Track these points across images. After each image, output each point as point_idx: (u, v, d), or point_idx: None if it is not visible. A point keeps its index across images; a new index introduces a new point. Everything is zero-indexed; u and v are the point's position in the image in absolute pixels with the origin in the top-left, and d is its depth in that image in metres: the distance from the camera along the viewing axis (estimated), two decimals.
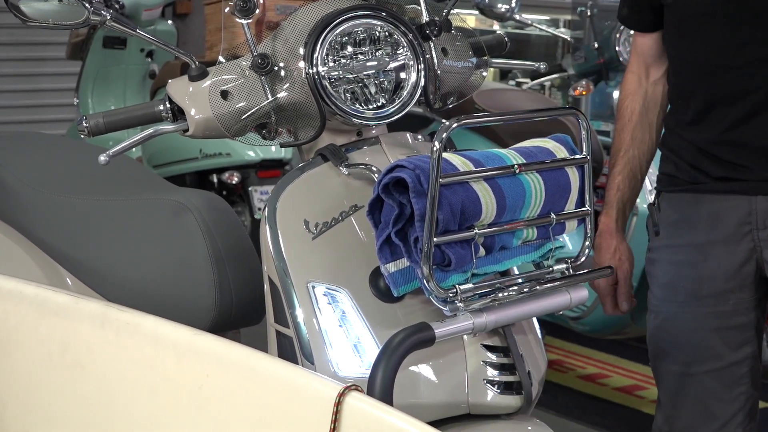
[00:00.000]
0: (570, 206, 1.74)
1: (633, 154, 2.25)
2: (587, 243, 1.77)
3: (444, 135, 1.54)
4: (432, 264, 1.56)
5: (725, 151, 2.08)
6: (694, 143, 2.12)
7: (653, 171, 3.55)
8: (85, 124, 1.81)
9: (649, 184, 3.54)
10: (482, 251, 1.64)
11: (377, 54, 1.81)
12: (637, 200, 3.51)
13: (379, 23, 1.81)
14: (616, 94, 3.68)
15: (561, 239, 1.77)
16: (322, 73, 1.77)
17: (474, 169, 1.61)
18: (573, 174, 1.73)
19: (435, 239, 1.55)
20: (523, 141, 1.78)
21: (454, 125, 1.57)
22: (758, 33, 2.00)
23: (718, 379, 2.16)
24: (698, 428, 2.18)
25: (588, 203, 1.75)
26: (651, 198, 3.49)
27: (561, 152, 1.73)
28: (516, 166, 1.64)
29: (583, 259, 1.77)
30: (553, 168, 1.70)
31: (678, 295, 2.18)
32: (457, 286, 1.60)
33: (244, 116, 1.80)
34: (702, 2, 2.06)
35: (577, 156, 1.73)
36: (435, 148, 1.52)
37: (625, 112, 2.25)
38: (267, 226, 1.75)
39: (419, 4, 1.89)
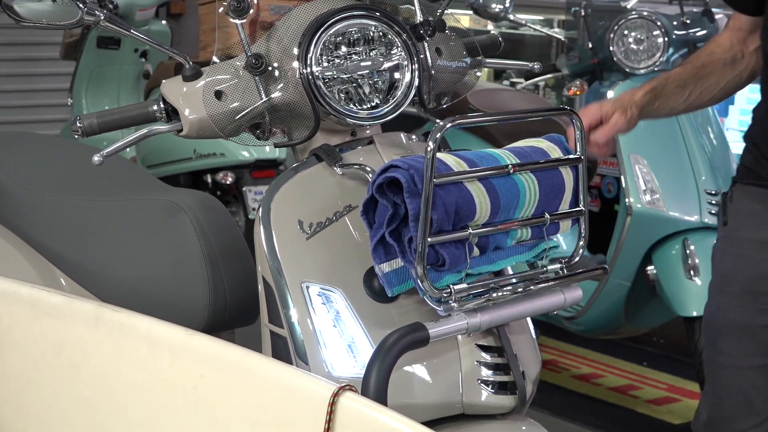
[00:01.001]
0: (564, 206, 1.74)
1: (694, 81, 2.23)
2: (581, 243, 1.77)
3: (438, 135, 1.54)
4: (426, 264, 1.56)
5: None
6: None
7: (647, 171, 3.56)
8: (78, 125, 1.81)
9: (643, 184, 3.55)
10: (476, 251, 1.64)
11: (371, 54, 1.81)
12: (632, 200, 3.53)
13: (373, 23, 1.81)
14: (610, 94, 3.68)
15: (555, 239, 1.77)
16: (316, 73, 1.77)
17: (468, 169, 1.61)
18: (567, 174, 1.73)
19: (429, 239, 1.55)
20: (517, 141, 1.78)
21: (448, 125, 1.57)
22: None
23: (765, 375, 2.18)
24: (738, 420, 2.20)
25: (582, 203, 1.75)
26: (646, 198, 3.51)
27: (555, 152, 1.73)
28: (510, 166, 1.64)
29: (577, 259, 1.77)
30: (548, 168, 1.70)
31: (734, 287, 2.19)
32: (451, 286, 1.60)
33: (238, 116, 1.80)
34: None
35: (571, 156, 1.73)
36: (429, 148, 1.52)
37: (704, 49, 2.27)
38: (261, 226, 1.75)
39: (413, 4, 1.89)
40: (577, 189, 1.75)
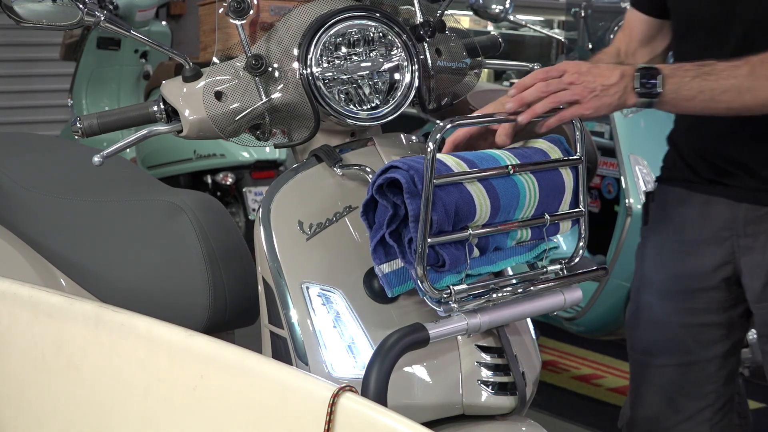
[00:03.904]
0: (564, 207, 1.74)
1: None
2: (581, 244, 1.77)
3: (438, 136, 1.54)
4: (426, 265, 1.56)
5: (716, 157, 2.09)
6: (691, 145, 2.13)
7: (647, 172, 3.57)
8: (79, 125, 1.81)
9: (643, 184, 3.55)
10: (476, 252, 1.64)
11: (371, 55, 1.81)
12: (631, 200, 3.53)
13: (373, 24, 1.81)
14: None
15: (555, 240, 1.77)
16: (316, 74, 1.77)
17: (468, 169, 1.61)
18: (567, 175, 1.73)
19: (429, 240, 1.55)
20: (516, 141, 1.78)
21: (448, 126, 1.57)
22: (745, 46, 1.96)
23: (685, 373, 2.18)
24: (660, 419, 2.20)
25: (582, 204, 1.75)
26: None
27: (555, 153, 1.73)
28: (510, 166, 1.64)
29: (577, 259, 1.77)
30: (548, 169, 1.70)
31: (653, 286, 2.20)
32: (451, 286, 1.60)
33: (238, 117, 1.80)
34: (694, 10, 2.06)
35: (572, 157, 1.73)
36: (429, 149, 1.52)
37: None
38: (261, 227, 1.75)
39: (413, 5, 1.89)
40: (577, 190, 1.75)
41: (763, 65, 1.81)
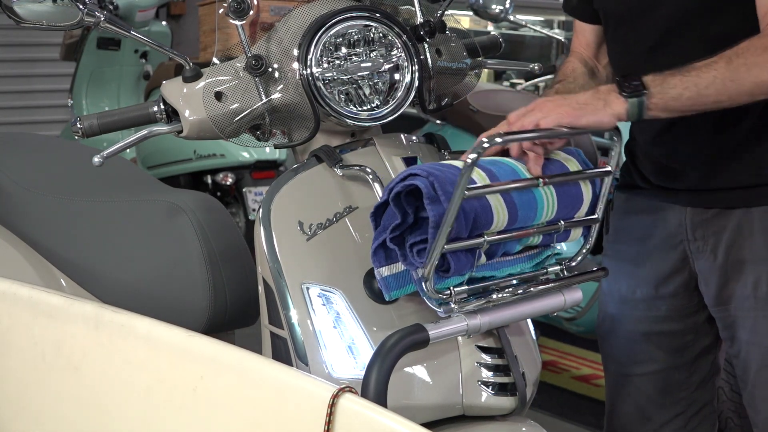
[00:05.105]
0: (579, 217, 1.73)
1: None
2: (588, 247, 1.76)
3: (480, 150, 1.49)
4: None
5: (659, 153, 2.07)
6: (641, 149, 2.11)
7: None
8: (79, 126, 1.81)
9: None
10: (483, 258, 1.63)
11: (371, 55, 1.81)
12: None
13: (374, 24, 1.81)
14: None
15: (559, 246, 1.76)
16: (317, 75, 1.77)
17: (488, 180, 1.59)
18: (586, 187, 1.72)
19: (445, 246, 1.53)
20: None
21: (498, 140, 1.54)
22: (666, 40, 1.96)
23: (653, 382, 2.17)
24: (632, 429, 2.19)
25: (599, 212, 1.74)
26: None
27: (572, 164, 1.72)
28: (541, 179, 1.62)
29: (579, 259, 1.77)
30: (569, 181, 1.69)
31: (615, 296, 2.20)
32: (451, 287, 1.60)
33: (238, 117, 1.80)
34: (614, 8, 2.05)
35: (602, 169, 1.71)
36: (469, 160, 1.49)
37: (566, 68, 2.14)
38: (261, 227, 1.75)
39: (413, 5, 1.89)
40: (596, 201, 1.73)
41: (738, 56, 1.79)
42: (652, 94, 1.74)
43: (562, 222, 1.69)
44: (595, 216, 1.74)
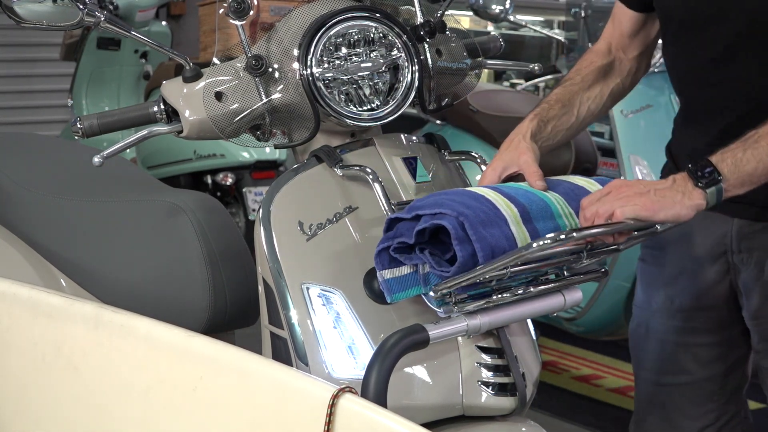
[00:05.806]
0: None
1: (573, 93, 2.05)
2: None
3: (550, 245, 1.54)
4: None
5: None
6: (685, 146, 2.08)
7: (647, 173, 3.56)
8: (79, 126, 1.81)
9: None
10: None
11: (372, 55, 1.81)
12: None
13: (374, 24, 1.81)
14: None
15: None
16: (317, 75, 1.77)
17: (516, 211, 1.61)
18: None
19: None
20: None
21: (575, 234, 1.57)
22: (731, 52, 1.92)
23: (685, 393, 2.15)
24: None
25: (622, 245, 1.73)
26: None
27: (594, 187, 1.74)
28: (589, 243, 1.64)
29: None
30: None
31: (652, 304, 2.17)
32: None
33: (238, 117, 1.80)
34: (679, 11, 2.01)
35: (649, 230, 1.71)
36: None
37: (582, 62, 2.10)
38: (261, 228, 1.75)
39: (413, 6, 1.89)
40: None
41: None
42: (727, 178, 1.71)
43: (585, 252, 1.67)
44: (615, 246, 1.70)
